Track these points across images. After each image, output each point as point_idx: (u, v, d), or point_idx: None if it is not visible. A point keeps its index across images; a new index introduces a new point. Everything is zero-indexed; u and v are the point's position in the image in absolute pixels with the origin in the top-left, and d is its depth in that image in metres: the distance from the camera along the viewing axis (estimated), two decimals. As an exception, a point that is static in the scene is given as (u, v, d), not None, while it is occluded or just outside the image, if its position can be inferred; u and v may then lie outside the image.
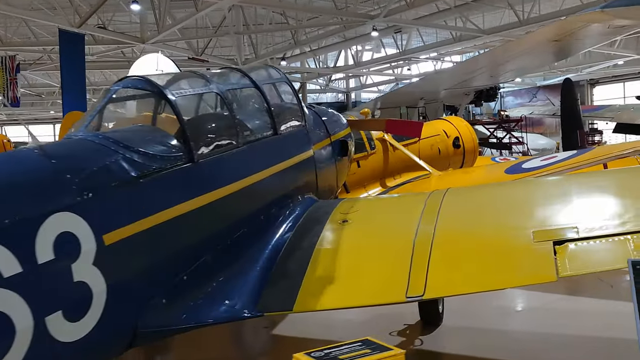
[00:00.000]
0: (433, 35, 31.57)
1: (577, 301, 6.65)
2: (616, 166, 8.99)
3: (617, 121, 24.96)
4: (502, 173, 7.47)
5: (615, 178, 4.34)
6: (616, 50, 32.88)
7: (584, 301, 6.67)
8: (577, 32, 12.13)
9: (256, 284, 3.59)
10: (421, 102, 19.76)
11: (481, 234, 3.72)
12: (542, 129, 37.43)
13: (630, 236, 3.24)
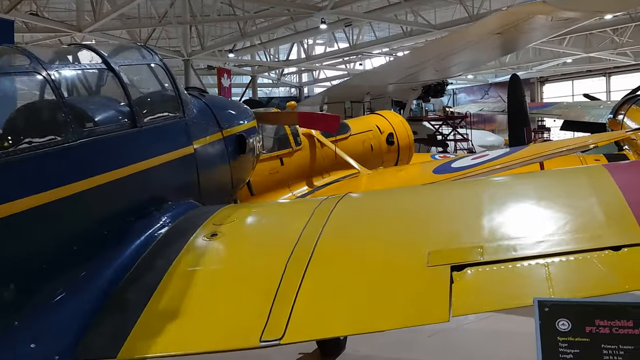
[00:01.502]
0: (385, 30, 31.15)
1: (505, 320, 5.00)
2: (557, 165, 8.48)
3: (565, 118, 24.91)
4: (430, 173, 6.81)
5: (543, 182, 3.66)
6: (565, 49, 33.14)
7: (514, 320, 4.73)
8: (520, 24, 11.68)
9: (82, 320, 2.80)
10: (367, 97, 19.13)
11: (366, 256, 2.98)
12: (494, 126, 37.43)
13: (546, 260, 2.56)
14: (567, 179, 3.53)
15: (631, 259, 2.48)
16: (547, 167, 7.64)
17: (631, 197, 2.89)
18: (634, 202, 2.84)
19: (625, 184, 3.06)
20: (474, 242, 2.82)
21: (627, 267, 2.45)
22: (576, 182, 3.34)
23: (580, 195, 3.09)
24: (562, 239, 2.67)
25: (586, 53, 34.21)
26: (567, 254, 2.58)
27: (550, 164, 7.91)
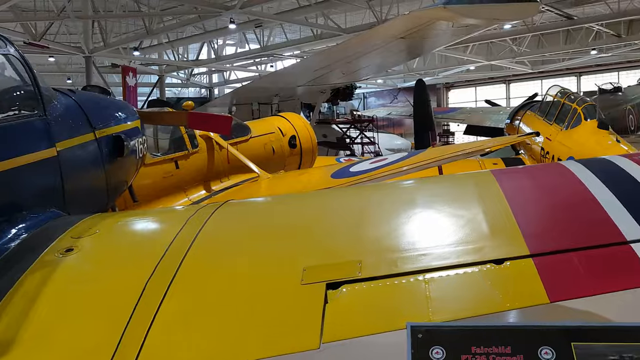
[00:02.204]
0: (297, 32, 31.05)
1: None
2: (456, 169, 8.53)
3: (468, 123, 25.78)
4: (328, 177, 6.61)
5: (430, 189, 3.47)
6: (468, 56, 34.42)
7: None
8: (423, 29, 11.82)
9: None
10: (276, 99, 18.85)
11: (236, 274, 2.64)
12: (402, 130, 38.26)
13: (426, 276, 2.35)
14: (454, 186, 3.37)
15: (513, 274, 2.31)
16: (446, 171, 7.65)
17: (516, 205, 2.75)
18: (519, 211, 2.70)
19: (511, 191, 2.92)
20: (353, 256, 2.56)
21: (508, 283, 2.27)
22: (463, 190, 3.18)
23: (466, 203, 2.92)
24: (444, 252, 2.47)
25: (488, 61, 35.69)
26: (448, 269, 2.37)
27: (449, 168, 7.95)
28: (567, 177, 3.00)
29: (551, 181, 3.08)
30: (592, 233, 2.48)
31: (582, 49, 34.31)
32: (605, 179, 2.86)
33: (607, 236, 2.42)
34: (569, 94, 10.46)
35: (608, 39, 32.73)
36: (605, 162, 3.15)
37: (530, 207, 2.80)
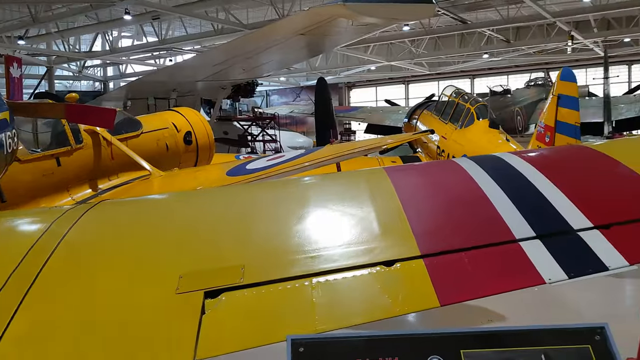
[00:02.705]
0: (197, 26, 30.22)
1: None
2: (355, 167, 8.50)
3: (369, 122, 26.27)
4: (223, 175, 6.33)
5: (322, 186, 3.31)
6: (369, 56, 35.09)
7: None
8: (323, 26, 11.77)
9: None
10: (174, 94, 18.17)
11: (102, 284, 2.35)
12: (305, 128, 38.39)
13: (313, 280, 2.17)
14: (346, 184, 3.22)
15: (403, 276, 2.18)
16: (345, 169, 7.60)
17: (408, 203, 2.64)
18: (411, 209, 2.59)
19: (403, 189, 2.81)
20: (236, 260, 2.34)
21: (398, 287, 2.14)
22: (354, 188, 3.04)
23: (357, 202, 2.77)
24: (333, 254, 2.30)
25: (388, 61, 36.55)
26: (336, 272, 2.20)
27: (348, 166, 7.90)
28: (460, 174, 2.94)
29: (444, 178, 3.01)
30: (482, 232, 2.40)
31: (476, 53, 35.97)
32: (496, 176, 2.82)
33: (497, 235, 2.36)
34: (463, 94, 10.79)
35: (499, 44, 34.50)
36: (496, 159, 3.12)
37: (422, 205, 2.70)
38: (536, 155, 3.40)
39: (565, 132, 7.62)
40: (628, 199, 2.57)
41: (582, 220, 2.39)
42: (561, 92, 7.81)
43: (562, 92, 7.77)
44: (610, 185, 2.73)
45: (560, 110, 7.64)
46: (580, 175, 2.85)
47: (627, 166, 2.78)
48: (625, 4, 26.47)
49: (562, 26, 28.80)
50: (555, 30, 30.98)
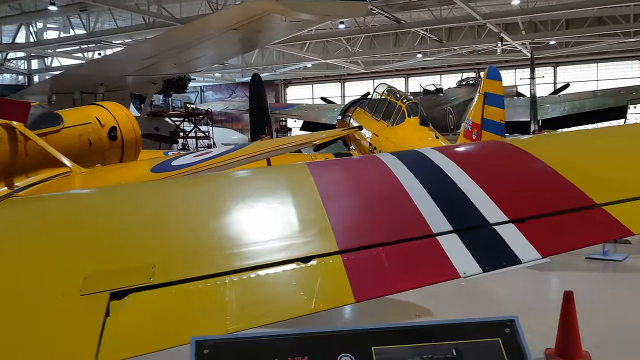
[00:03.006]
0: (128, 19, 29.34)
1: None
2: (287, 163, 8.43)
3: (305, 119, 26.28)
4: (148, 172, 6.11)
5: (243, 181, 3.22)
6: (305, 54, 35.07)
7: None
8: (256, 21, 11.62)
9: None
10: (101, 89, 17.52)
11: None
12: (241, 125, 38.01)
13: (226, 278, 2.08)
14: (267, 179, 3.15)
15: (320, 273, 2.12)
16: (275, 162, 7.50)
17: (328, 198, 2.58)
18: (330, 204, 2.54)
19: (324, 184, 2.76)
20: (146, 259, 2.21)
21: (314, 283, 2.08)
22: (275, 183, 2.96)
23: (276, 197, 2.70)
24: (248, 251, 2.21)
25: (324, 59, 36.67)
26: (250, 270, 2.12)
27: (279, 162, 7.81)
28: (381, 169, 2.92)
29: (365, 174, 2.98)
30: (400, 227, 2.38)
31: (410, 52, 36.62)
32: (416, 171, 2.82)
33: (415, 229, 2.33)
34: (395, 92, 10.90)
35: (432, 44, 35.26)
36: (417, 155, 3.12)
37: (342, 200, 2.66)
38: (456, 150, 3.43)
39: (491, 129, 7.83)
40: (542, 194, 2.61)
41: (498, 214, 2.41)
42: (487, 90, 8.01)
43: (489, 91, 7.98)
44: (526, 180, 2.77)
45: (487, 108, 7.85)
46: (498, 171, 2.89)
47: (543, 161, 2.83)
48: (551, 8, 27.60)
49: (492, 28, 29.70)
50: (486, 31, 31.93)
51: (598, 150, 3.07)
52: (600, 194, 2.47)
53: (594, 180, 2.62)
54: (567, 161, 2.85)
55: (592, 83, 36.99)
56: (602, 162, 2.87)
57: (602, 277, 6.99)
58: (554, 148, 3.20)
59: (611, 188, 2.54)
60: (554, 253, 2.22)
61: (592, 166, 2.82)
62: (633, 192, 2.45)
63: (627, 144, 3.04)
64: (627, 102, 22.55)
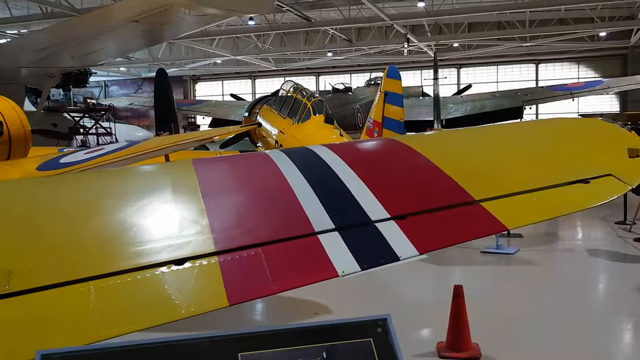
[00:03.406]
0: (24, 8, 27.61)
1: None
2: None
3: (213, 116, 25.80)
4: (33, 170, 5.72)
5: (126, 178, 3.04)
6: (215, 49, 34.45)
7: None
8: (158, 14, 11.21)
9: None
10: (-9, 82, 16.35)
11: None
12: (148, 122, 36.81)
13: (92, 285, 1.93)
14: (150, 177, 2.99)
15: (192, 275, 2.02)
16: (174, 159, 7.27)
17: (210, 197, 2.48)
18: (212, 203, 2.44)
19: (207, 182, 2.65)
20: (3, 264, 2.03)
21: (185, 286, 1.97)
22: (158, 181, 2.81)
23: (157, 197, 2.56)
24: (121, 255, 2.07)
25: (234, 55, 36.19)
26: (120, 274, 1.98)
27: (178, 157, 7.57)
28: (268, 166, 2.85)
29: (251, 171, 2.90)
30: (282, 225, 2.32)
31: (320, 51, 36.88)
32: (304, 168, 2.77)
33: (296, 228, 2.28)
34: (301, 89, 10.88)
35: (342, 43, 35.69)
36: (307, 152, 3.07)
37: (224, 198, 2.56)
38: (345, 147, 3.42)
39: (391, 127, 7.97)
40: (424, 190, 2.63)
41: (381, 211, 2.40)
42: (388, 89, 8.14)
43: (389, 89, 8.12)
44: (410, 177, 2.79)
45: (388, 107, 7.98)
46: (384, 168, 2.89)
47: (428, 158, 2.86)
48: (454, 11, 28.68)
49: (399, 29, 30.45)
50: (393, 32, 32.71)
51: (480, 148, 3.15)
52: (479, 190, 2.52)
53: (474, 177, 2.68)
54: (451, 158, 2.90)
55: (493, 85, 38.81)
56: (483, 159, 2.95)
57: (495, 270, 7.30)
58: (440, 145, 3.26)
59: (489, 185, 2.60)
60: (432, 249, 2.23)
61: (474, 163, 2.88)
62: (508, 188, 2.52)
63: (507, 143, 3.14)
64: (522, 103, 23.82)
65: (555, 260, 7.76)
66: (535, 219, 2.37)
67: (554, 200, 2.46)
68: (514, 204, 2.41)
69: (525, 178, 2.62)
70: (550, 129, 3.31)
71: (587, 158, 2.83)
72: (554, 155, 2.88)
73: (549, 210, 2.44)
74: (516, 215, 2.39)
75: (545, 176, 2.61)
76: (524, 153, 2.93)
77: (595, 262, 7.69)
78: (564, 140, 3.06)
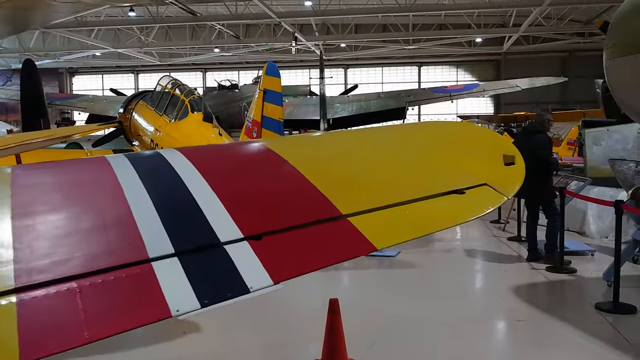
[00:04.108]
0: None
1: None
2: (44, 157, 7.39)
3: (90, 112, 24.20)
4: None
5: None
6: (94, 41, 32.50)
7: None
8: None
9: None
10: None
11: None
12: (19, 116, 33.98)
13: None
14: None
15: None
16: (28, 159, 6.51)
17: (21, 216, 2.01)
18: (22, 223, 1.97)
19: (23, 197, 2.17)
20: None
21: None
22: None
23: None
24: None
25: (114, 48, 34.37)
26: None
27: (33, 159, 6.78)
28: (104, 175, 2.39)
29: (81, 182, 2.42)
30: (110, 251, 1.89)
31: (207, 46, 35.93)
32: (148, 177, 2.34)
33: (127, 254, 1.86)
34: (179, 85, 10.25)
35: (229, 39, 34.98)
36: (155, 157, 2.66)
37: (40, 218, 2.07)
38: (201, 152, 3.01)
39: (270, 127, 7.63)
40: (287, 204, 2.29)
41: (232, 230, 2.02)
42: (267, 87, 7.80)
43: (268, 87, 7.78)
44: (270, 187, 2.43)
45: (266, 106, 7.63)
46: (242, 177, 2.52)
47: (293, 166, 2.52)
48: (341, 11, 28.96)
49: (287, 27, 30.28)
50: (282, 30, 32.51)
51: (350, 153, 2.85)
52: (347, 202, 2.21)
53: (341, 186, 2.37)
54: (317, 165, 2.59)
55: (378, 85, 39.78)
56: (352, 166, 2.65)
57: (376, 274, 7.17)
58: (307, 150, 2.94)
59: (358, 196, 2.30)
60: (288, 277, 1.90)
61: (342, 171, 2.57)
62: (379, 200, 2.23)
63: (378, 148, 2.87)
64: (405, 104, 24.45)
65: (434, 262, 7.80)
66: (408, 237, 2.11)
67: (428, 213, 2.21)
68: (384, 219, 2.13)
69: (397, 188, 2.36)
70: (423, 132, 3.09)
71: (461, 165, 2.62)
72: (427, 162, 2.65)
73: (423, 225, 2.19)
74: (387, 233, 2.11)
75: (418, 186, 2.36)
76: (396, 160, 2.67)
77: (473, 263, 7.82)
78: (437, 146, 2.84)
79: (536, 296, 6.25)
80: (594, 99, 20.77)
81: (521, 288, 6.31)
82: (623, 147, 9.66)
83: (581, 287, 6.36)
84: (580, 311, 5.50)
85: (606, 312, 5.31)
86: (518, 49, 35.48)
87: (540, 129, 7.71)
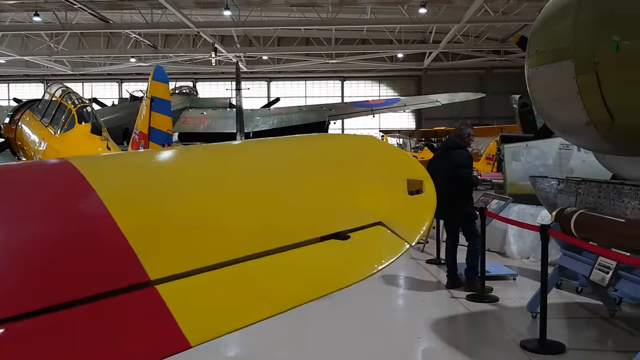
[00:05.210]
0: None
1: None
2: None
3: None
4: None
5: None
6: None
7: None
8: None
9: None
10: None
11: None
12: None
13: None
14: None
15: None
16: None
17: None
18: None
19: None
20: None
21: None
22: None
23: None
24: None
25: (21, 55, 32.18)
26: None
27: None
28: None
29: None
30: None
31: (122, 56, 34.27)
32: None
33: None
34: (69, 93, 9.14)
35: (146, 49, 33.49)
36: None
37: None
38: None
39: (157, 140, 6.73)
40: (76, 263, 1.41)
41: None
42: (154, 94, 6.91)
43: (155, 95, 6.89)
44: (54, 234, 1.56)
45: (154, 115, 6.73)
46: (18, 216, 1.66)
47: (100, 197, 1.64)
48: (262, 23, 28.23)
49: (206, 38, 29.24)
50: (202, 41, 31.40)
51: (201, 177, 1.99)
52: (160, 259, 1.39)
53: (157, 230, 1.54)
54: (133, 194, 1.72)
55: (302, 99, 39.26)
56: (194, 200, 1.80)
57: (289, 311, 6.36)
58: (137, 174, 2.04)
59: (177, 251, 1.46)
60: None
61: (176, 206, 1.73)
62: (208, 256, 1.42)
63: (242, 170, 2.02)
64: (327, 117, 23.96)
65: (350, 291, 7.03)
66: (236, 325, 1.28)
67: (281, 275, 1.43)
68: (206, 290, 1.31)
69: (240, 233, 1.53)
70: (304, 149, 2.26)
71: (348, 196, 1.83)
72: (297, 191, 1.80)
73: (267, 304, 1.36)
74: (205, 321, 1.27)
75: (276, 229, 1.56)
76: (253, 189, 1.79)
77: (389, 291, 7.11)
78: (320, 166, 2.02)
79: (456, 333, 5.63)
80: (511, 115, 20.99)
81: (440, 322, 5.67)
82: (543, 162, 9.38)
83: (504, 320, 5.79)
84: (505, 351, 4.91)
85: (531, 352, 4.74)
86: (438, 65, 35.98)
87: (460, 144, 7.18)
